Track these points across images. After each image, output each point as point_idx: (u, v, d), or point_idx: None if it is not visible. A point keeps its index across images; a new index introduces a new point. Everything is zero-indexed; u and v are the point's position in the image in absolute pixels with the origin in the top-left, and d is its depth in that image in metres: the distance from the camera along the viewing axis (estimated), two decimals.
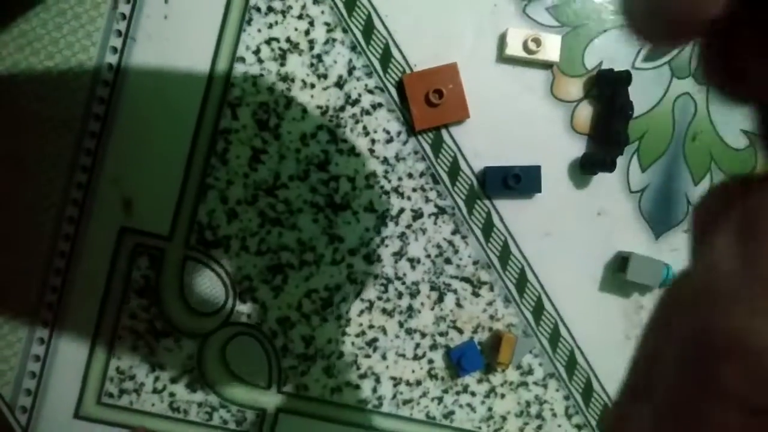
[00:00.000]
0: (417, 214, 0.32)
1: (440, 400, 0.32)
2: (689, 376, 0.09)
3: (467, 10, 0.31)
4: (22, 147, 0.30)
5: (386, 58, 0.31)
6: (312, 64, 0.31)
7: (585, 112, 0.32)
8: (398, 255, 0.31)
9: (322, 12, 0.31)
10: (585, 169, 0.32)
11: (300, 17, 0.31)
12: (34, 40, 0.30)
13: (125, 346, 0.31)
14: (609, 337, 0.32)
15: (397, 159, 0.31)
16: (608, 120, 0.31)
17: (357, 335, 0.32)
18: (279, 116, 0.31)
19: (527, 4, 0.31)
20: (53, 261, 0.30)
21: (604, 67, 0.32)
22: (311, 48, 0.31)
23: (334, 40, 0.31)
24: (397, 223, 0.31)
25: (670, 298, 0.10)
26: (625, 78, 0.31)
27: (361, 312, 0.31)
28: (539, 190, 0.31)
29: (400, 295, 0.32)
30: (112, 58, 0.30)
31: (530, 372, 0.32)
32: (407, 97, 0.30)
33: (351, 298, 0.31)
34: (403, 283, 0.32)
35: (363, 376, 0.32)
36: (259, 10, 0.31)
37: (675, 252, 0.33)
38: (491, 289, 0.32)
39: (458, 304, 0.32)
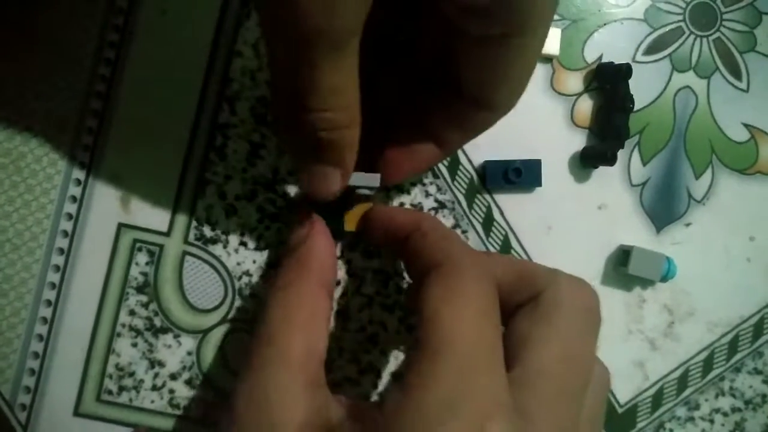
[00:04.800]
0: (417, 209, 0.31)
1: None
2: None
3: None
4: (20, 145, 0.30)
5: None
6: None
7: (585, 106, 0.32)
8: None
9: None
10: (586, 162, 0.32)
11: None
12: (30, 38, 0.30)
13: (124, 343, 0.31)
14: (611, 331, 0.32)
15: None
16: (609, 113, 0.31)
17: (357, 330, 0.31)
18: None
19: None
20: (51, 257, 0.30)
21: (605, 60, 0.32)
22: None
23: None
24: None
25: None
26: (625, 71, 0.30)
27: (361, 307, 0.31)
28: (540, 184, 0.31)
29: (400, 291, 0.31)
30: (109, 53, 0.30)
31: None
32: None
33: (350, 293, 0.31)
34: (403, 278, 0.31)
35: (363, 372, 0.31)
36: None
37: (676, 245, 0.33)
38: None
39: None
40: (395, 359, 0.32)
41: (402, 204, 0.31)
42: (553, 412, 0.19)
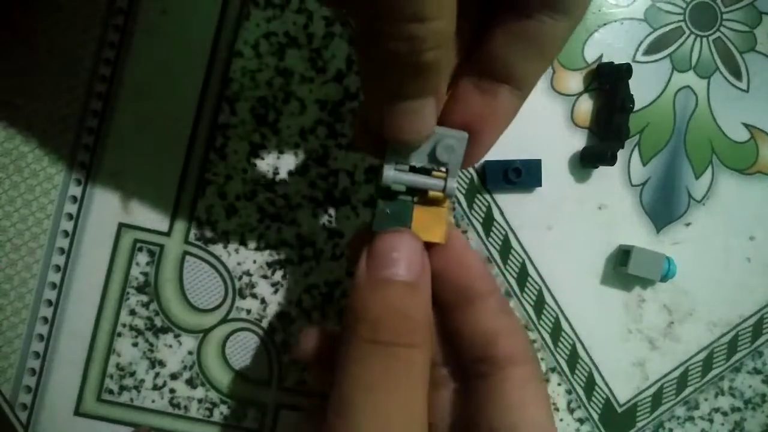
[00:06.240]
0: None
1: None
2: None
3: None
4: (20, 145, 0.30)
5: None
6: (311, 59, 0.31)
7: (585, 106, 0.32)
8: None
9: (321, 6, 0.30)
10: (586, 162, 0.32)
11: (298, 11, 0.31)
12: (31, 39, 0.30)
13: (125, 343, 0.31)
14: (611, 331, 0.32)
15: None
16: (609, 113, 0.31)
17: None
18: (278, 111, 0.31)
19: None
20: (52, 257, 0.30)
21: (605, 60, 0.32)
22: (310, 42, 0.31)
23: (332, 34, 0.31)
24: None
25: None
26: (625, 71, 0.30)
27: None
28: (540, 184, 0.31)
29: None
30: (109, 53, 0.30)
31: None
32: None
33: None
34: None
35: None
36: (257, 4, 0.30)
37: (676, 245, 0.33)
38: None
39: None
40: None
41: None
42: None
